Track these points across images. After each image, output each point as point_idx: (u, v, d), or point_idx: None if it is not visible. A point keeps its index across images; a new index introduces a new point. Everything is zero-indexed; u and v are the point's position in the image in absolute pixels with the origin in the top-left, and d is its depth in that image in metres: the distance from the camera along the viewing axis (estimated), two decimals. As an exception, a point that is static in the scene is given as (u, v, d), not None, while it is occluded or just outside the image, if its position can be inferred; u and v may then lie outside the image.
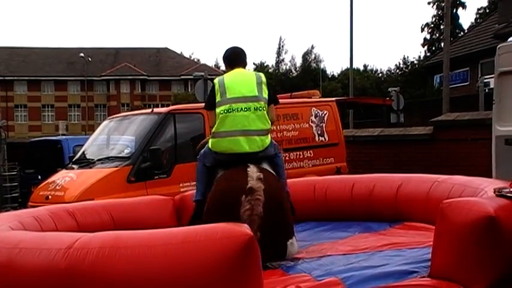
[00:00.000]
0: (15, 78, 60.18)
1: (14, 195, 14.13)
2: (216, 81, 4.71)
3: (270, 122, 4.61)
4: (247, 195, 4.16)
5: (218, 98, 4.56)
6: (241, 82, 4.61)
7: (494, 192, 4.04)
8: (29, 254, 3.28)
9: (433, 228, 3.88)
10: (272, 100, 4.71)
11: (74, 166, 8.48)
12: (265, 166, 4.57)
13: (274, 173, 4.62)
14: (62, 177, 8.13)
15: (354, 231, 5.38)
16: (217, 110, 4.54)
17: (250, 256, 3.04)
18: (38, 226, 4.60)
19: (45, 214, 4.92)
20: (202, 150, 4.78)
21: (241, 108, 4.47)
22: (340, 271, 3.86)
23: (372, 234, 5.21)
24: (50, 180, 8.31)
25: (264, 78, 4.67)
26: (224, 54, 4.92)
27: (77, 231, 4.31)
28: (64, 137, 17.15)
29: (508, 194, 3.93)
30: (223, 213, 4.06)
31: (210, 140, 4.65)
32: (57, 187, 7.87)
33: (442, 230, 3.67)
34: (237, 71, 4.76)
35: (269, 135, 4.64)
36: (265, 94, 4.59)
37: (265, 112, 4.55)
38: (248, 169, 4.33)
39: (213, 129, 4.58)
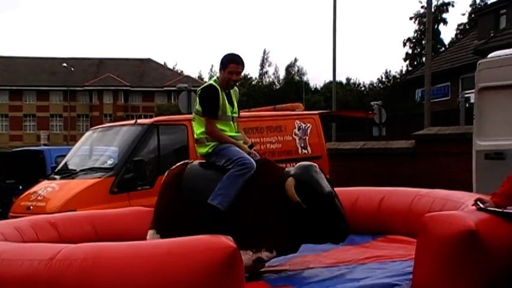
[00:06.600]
0: (-3, 87, 59.62)
1: (-6, 205, 13.94)
2: None
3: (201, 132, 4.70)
4: None
5: None
6: None
7: (475, 205, 4.10)
8: (10, 265, 3.26)
9: (415, 242, 3.92)
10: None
11: (56, 176, 8.40)
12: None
13: None
14: (44, 187, 8.04)
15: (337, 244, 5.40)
16: None
17: (234, 268, 3.05)
18: (20, 237, 4.57)
19: (26, 225, 4.88)
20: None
21: None
22: (324, 284, 3.88)
23: (354, 247, 5.24)
24: (31, 190, 8.21)
25: (199, 91, 4.80)
26: None
27: (59, 242, 4.28)
28: (46, 147, 16.96)
29: (489, 208, 3.99)
30: None
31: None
32: (39, 197, 7.78)
33: (423, 243, 3.71)
34: None
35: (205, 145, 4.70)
36: (197, 106, 4.77)
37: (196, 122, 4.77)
38: None
39: None
